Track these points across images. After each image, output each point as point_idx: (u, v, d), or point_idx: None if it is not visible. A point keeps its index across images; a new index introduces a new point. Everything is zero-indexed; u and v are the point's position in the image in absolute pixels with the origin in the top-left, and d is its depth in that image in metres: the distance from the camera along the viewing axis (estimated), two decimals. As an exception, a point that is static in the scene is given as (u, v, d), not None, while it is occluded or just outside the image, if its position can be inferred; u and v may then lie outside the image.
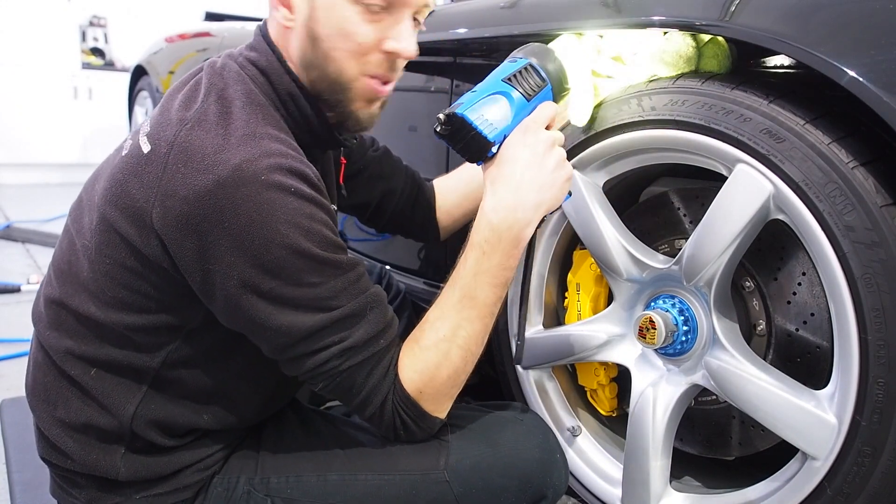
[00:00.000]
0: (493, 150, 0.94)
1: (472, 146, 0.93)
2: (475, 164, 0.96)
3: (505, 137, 0.94)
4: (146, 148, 0.86)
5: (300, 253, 0.81)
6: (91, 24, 5.55)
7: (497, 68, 0.99)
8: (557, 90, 1.00)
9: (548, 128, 0.96)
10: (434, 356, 0.90)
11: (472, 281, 0.91)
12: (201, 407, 0.94)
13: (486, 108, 0.93)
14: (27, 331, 2.28)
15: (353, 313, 0.86)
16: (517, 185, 0.91)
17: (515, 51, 1.01)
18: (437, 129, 0.93)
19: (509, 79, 0.95)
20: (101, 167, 0.97)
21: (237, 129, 0.84)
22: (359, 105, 0.95)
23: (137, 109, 3.64)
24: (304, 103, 0.94)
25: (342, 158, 1.16)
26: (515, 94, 0.94)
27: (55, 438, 0.92)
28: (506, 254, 0.91)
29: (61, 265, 0.95)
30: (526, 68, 0.97)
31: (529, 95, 0.96)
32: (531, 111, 0.96)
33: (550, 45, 1.10)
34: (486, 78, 0.98)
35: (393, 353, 0.91)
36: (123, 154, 0.89)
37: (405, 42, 0.91)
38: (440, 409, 0.94)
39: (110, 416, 0.90)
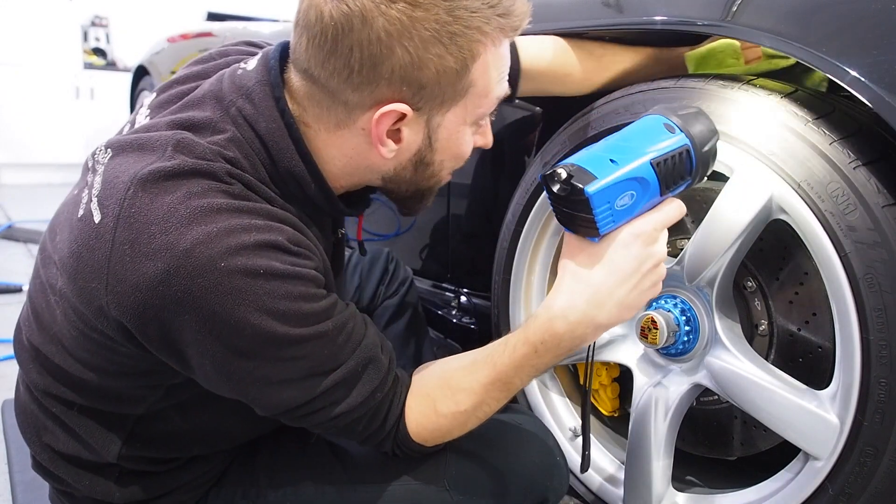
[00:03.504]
0: (596, 239, 0.80)
1: (576, 222, 0.79)
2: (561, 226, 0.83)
3: (615, 225, 0.79)
4: (97, 217, 0.74)
5: (275, 338, 0.72)
6: (93, 24, 5.56)
7: (648, 125, 0.82)
8: (692, 185, 0.84)
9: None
10: (448, 424, 0.86)
11: (512, 371, 0.84)
12: (190, 441, 0.91)
13: (618, 198, 0.76)
14: (29, 331, 2.26)
15: (344, 378, 0.79)
16: (603, 300, 0.79)
17: (677, 111, 0.83)
18: (553, 188, 0.77)
19: (659, 163, 0.78)
20: (59, 216, 0.85)
21: (190, 198, 0.71)
22: (430, 200, 0.93)
23: (139, 110, 3.64)
24: (309, 183, 0.81)
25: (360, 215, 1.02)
26: (654, 184, 0.78)
27: (46, 463, 0.89)
28: (557, 357, 0.84)
29: (37, 308, 0.85)
30: (681, 154, 0.79)
31: (667, 189, 0.80)
32: (656, 204, 0.81)
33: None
34: (633, 135, 0.81)
35: (393, 399, 0.85)
36: (79, 216, 0.77)
37: (490, 135, 0.90)
38: (439, 446, 0.91)
39: (95, 452, 0.86)
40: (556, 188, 0.77)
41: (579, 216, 0.77)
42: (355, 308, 0.83)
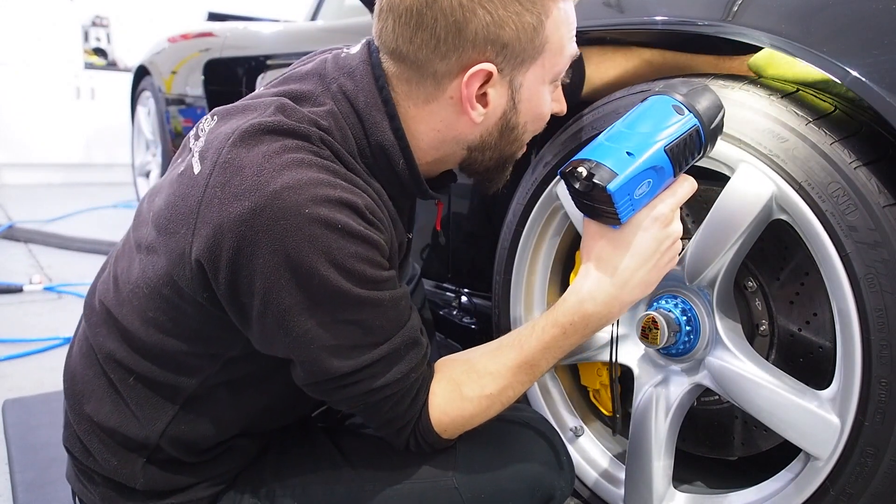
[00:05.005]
0: (617, 226, 0.85)
1: (596, 212, 0.83)
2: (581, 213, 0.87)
3: (634, 212, 0.83)
4: (196, 169, 0.80)
5: (338, 293, 0.75)
6: (94, 24, 5.57)
7: (656, 107, 0.84)
8: (701, 159, 0.88)
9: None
10: (472, 408, 0.88)
11: (539, 353, 0.88)
12: (235, 423, 0.93)
13: (637, 188, 0.80)
14: (29, 331, 2.29)
15: (388, 353, 0.82)
16: (626, 281, 0.86)
17: (682, 89, 0.85)
18: (575, 185, 0.81)
19: (672, 148, 0.81)
20: (161, 182, 0.91)
21: (285, 150, 0.76)
22: (509, 171, 0.96)
23: (140, 109, 3.65)
24: (399, 157, 0.85)
25: (439, 202, 1.06)
26: (669, 169, 0.82)
27: (81, 433, 0.91)
28: (583, 337, 0.89)
29: (118, 270, 0.90)
30: (692, 135, 0.82)
31: (679, 169, 0.84)
32: (670, 184, 0.85)
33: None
34: (643, 119, 0.83)
35: (422, 383, 0.87)
36: (180, 172, 0.84)
37: (564, 101, 0.95)
38: (457, 437, 0.93)
39: (140, 426, 0.88)
40: (577, 185, 0.81)
41: (600, 208, 0.82)
42: (407, 290, 0.87)
